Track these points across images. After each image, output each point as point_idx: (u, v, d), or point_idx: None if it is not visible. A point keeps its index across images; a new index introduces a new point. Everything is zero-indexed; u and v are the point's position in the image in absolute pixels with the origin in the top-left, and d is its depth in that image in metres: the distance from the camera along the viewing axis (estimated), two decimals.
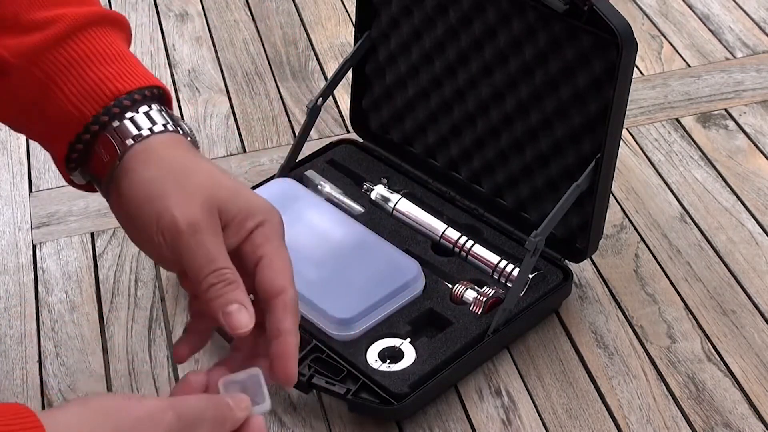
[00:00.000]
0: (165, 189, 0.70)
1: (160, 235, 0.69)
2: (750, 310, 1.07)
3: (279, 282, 0.70)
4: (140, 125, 0.73)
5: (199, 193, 0.70)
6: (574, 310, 1.07)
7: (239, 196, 0.72)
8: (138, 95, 0.74)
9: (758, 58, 1.41)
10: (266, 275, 0.70)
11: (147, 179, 0.71)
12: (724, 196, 1.20)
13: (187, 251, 0.69)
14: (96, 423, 0.62)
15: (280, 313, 0.70)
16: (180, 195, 0.70)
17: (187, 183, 0.71)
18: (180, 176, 0.71)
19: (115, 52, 0.76)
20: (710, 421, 0.96)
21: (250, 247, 0.71)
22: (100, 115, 0.73)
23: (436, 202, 1.14)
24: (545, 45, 1.01)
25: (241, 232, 0.71)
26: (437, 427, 0.97)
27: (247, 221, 0.71)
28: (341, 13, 1.53)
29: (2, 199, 1.22)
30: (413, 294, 1.03)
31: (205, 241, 0.69)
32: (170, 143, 0.74)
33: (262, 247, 0.71)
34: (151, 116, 0.74)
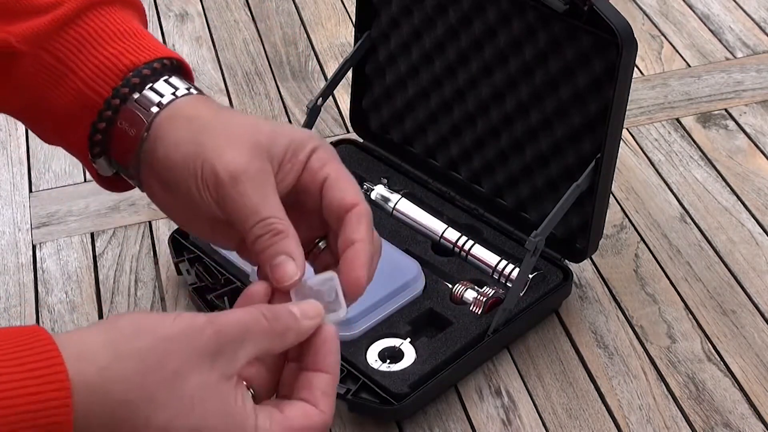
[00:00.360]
0: (201, 144, 0.66)
1: (205, 191, 0.65)
2: (750, 310, 1.07)
3: (348, 198, 0.65)
4: (162, 92, 0.69)
5: (238, 142, 0.65)
6: (574, 310, 1.07)
7: (281, 133, 0.67)
8: (157, 64, 0.70)
9: (758, 58, 1.41)
10: (334, 195, 0.65)
11: (181, 140, 0.67)
12: (724, 196, 1.20)
13: (231, 203, 0.64)
14: (121, 347, 0.56)
15: (354, 225, 0.64)
16: (218, 146, 0.65)
17: (223, 135, 0.66)
18: (215, 130, 0.67)
19: (128, 29, 0.72)
20: (710, 421, 0.96)
21: (310, 176, 0.66)
22: (120, 88, 0.69)
23: (436, 202, 1.14)
24: (545, 45, 1.01)
25: (295, 166, 0.66)
26: (437, 427, 0.97)
27: (299, 153, 0.66)
28: (341, 13, 1.53)
29: (2, 199, 1.22)
30: (413, 294, 1.03)
31: (248, 190, 0.64)
32: (197, 103, 0.70)
33: (322, 170, 0.66)
34: (172, 83, 0.70)
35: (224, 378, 0.58)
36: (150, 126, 0.68)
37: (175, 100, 0.69)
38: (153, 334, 0.57)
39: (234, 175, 0.64)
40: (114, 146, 0.71)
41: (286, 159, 0.66)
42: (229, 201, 0.64)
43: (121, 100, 0.69)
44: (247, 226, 0.64)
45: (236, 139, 0.65)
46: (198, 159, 0.65)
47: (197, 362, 0.57)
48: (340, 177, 0.66)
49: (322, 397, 0.61)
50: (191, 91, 0.70)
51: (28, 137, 1.31)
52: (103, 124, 0.70)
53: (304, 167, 0.66)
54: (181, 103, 0.69)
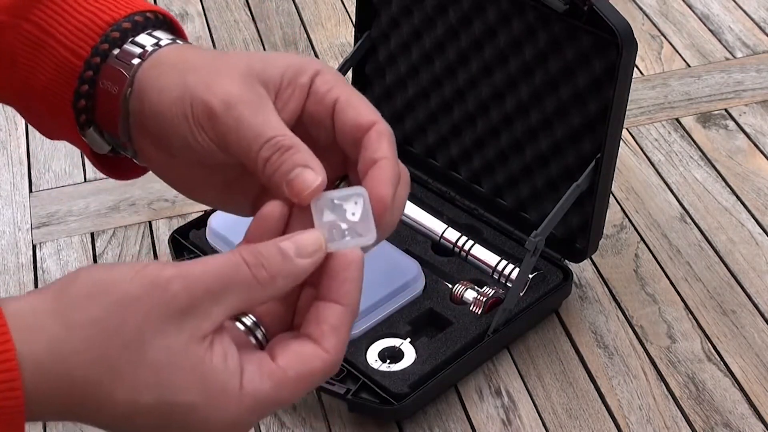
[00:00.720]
0: (188, 84, 0.58)
1: (200, 132, 0.58)
2: (750, 310, 1.07)
3: (364, 117, 0.57)
4: (144, 44, 0.62)
5: (228, 72, 0.58)
6: (574, 310, 1.07)
7: (277, 57, 0.59)
8: (139, 17, 0.64)
9: (758, 58, 1.41)
10: (347, 116, 0.57)
11: (166, 86, 0.60)
12: (724, 196, 1.20)
13: (231, 135, 0.56)
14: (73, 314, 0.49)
15: (374, 144, 0.57)
16: (206, 81, 0.58)
17: (212, 69, 0.59)
18: (202, 68, 0.59)
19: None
20: (710, 421, 0.96)
21: (316, 101, 0.58)
22: (99, 45, 0.62)
23: (436, 202, 1.14)
24: (545, 45, 1.01)
25: (296, 91, 0.58)
26: (437, 427, 0.97)
27: (299, 77, 0.59)
28: (341, 13, 1.53)
29: (2, 199, 1.22)
30: (413, 294, 1.03)
31: (245, 114, 0.56)
32: (183, 49, 0.62)
33: (330, 93, 0.58)
34: (155, 35, 0.63)
35: (195, 339, 0.50)
36: (133, 80, 0.61)
37: (158, 50, 0.62)
38: (109, 295, 0.50)
39: (227, 102, 0.57)
40: (100, 112, 0.64)
41: (285, 84, 0.58)
42: (228, 132, 0.57)
43: (102, 58, 0.63)
44: (252, 154, 0.56)
45: (226, 70, 0.59)
46: (186, 99, 0.58)
47: (162, 324, 0.50)
48: (352, 97, 0.58)
49: (330, 334, 0.53)
50: (177, 42, 0.63)
51: (28, 137, 1.31)
52: (85, 86, 0.63)
53: (309, 92, 0.59)
54: (164, 51, 0.62)
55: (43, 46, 0.65)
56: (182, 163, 0.61)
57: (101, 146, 0.66)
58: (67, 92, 0.64)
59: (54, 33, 0.64)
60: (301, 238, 0.53)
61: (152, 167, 0.64)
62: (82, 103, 0.64)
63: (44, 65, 0.65)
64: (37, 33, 0.65)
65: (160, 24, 0.65)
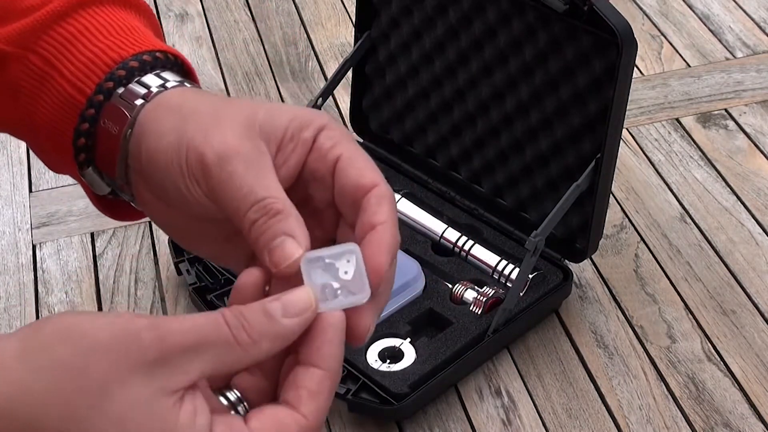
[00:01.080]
0: (185, 131, 0.56)
1: (193, 183, 0.55)
2: (750, 310, 1.07)
3: (367, 178, 0.54)
4: (150, 84, 0.60)
5: (228, 122, 0.56)
6: (574, 310, 1.07)
7: (282, 110, 0.56)
8: (148, 56, 0.61)
9: (758, 58, 1.41)
10: (349, 175, 0.54)
11: (164, 131, 0.57)
12: (724, 196, 1.20)
13: (222, 190, 0.54)
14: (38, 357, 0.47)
15: (374, 207, 0.54)
16: (204, 129, 0.56)
17: (212, 117, 0.56)
18: (202, 114, 0.57)
19: (123, 25, 0.64)
20: (710, 421, 0.96)
21: (318, 157, 0.55)
22: (104, 83, 0.61)
23: (436, 202, 1.14)
24: (545, 45, 1.01)
25: (299, 146, 0.55)
26: (437, 427, 0.97)
27: (303, 131, 0.56)
28: (341, 13, 1.53)
29: (2, 199, 1.22)
30: (413, 294, 1.03)
31: (239, 170, 0.53)
32: (186, 92, 0.60)
33: (333, 150, 0.55)
34: (162, 76, 0.61)
35: (164, 392, 0.47)
36: (134, 121, 0.59)
37: (163, 91, 0.60)
38: (78, 341, 0.47)
39: (222, 156, 0.54)
40: (99, 152, 0.62)
41: (287, 138, 0.56)
42: (219, 188, 0.54)
43: (105, 96, 0.61)
44: (241, 214, 0.53)
45: (226, 119, 0.56)
46: (182, 147, 0.56)
47: (129, 374, 0.47)
48: (355, 156, 0.55)
49: (308, 399, 0.50)
50: (185, 84, 0.61)
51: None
52: (86, 124, 0.61)
53: (311, 148, 0.56)
54: (168, 94, 0.60)
55: (47, 79, 0.63)
56: (178, 213, 0.59)
57: (100, 187, 0.64)
58: (69, 129, 0.62)
59: (59, 67, 0.63)
60: (289, 297, 0.50)
61: (149, 213, 0.62)
62: (82, 141, 0.62)
63: (48, 99, 0.63)
64: (42, 66, 0.64)
65: (170, 65, 0.63)
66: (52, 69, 0.63)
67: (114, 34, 0.63)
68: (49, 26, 0.64)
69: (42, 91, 0.64)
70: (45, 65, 0.63)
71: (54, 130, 0.64)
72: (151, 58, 0.62)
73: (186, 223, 0.60)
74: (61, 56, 0.63)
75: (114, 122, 0.60)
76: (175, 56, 0.63)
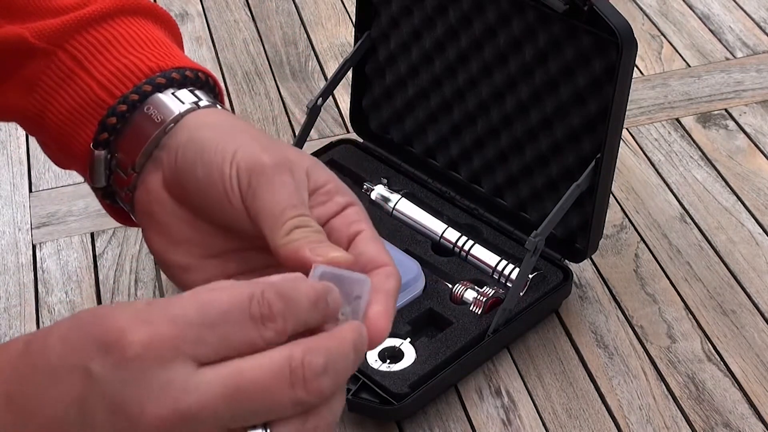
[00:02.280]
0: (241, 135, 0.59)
1: (233, 175, 0.57)
2: (750, 310, 1.07)
3: (382, 258, 0.57)
4: (201, 97, 0.64)
5: (284, 148, 0.59)
6: (574, 310, 1.07)
7: (325, 168, 0.61)
8: (190, 73, 0.65)
9: (758, 58, 1.41)
10: (368, 248, 0.58)
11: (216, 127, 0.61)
12: (724, 196, 1.20)
13: (269, 189, 0.56)
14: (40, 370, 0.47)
15: (383, 279, 0.56)
16: (262, 143, 0.59)
17: (269, 139, 0.60)
18: (258, 135, 0.60)
19: (157, 39, 0.67)
20: (710, 421, 0.96)
21: (344, 222, 0.59)
22: (142, 85, 0.64)
23: (436, 202, 1.14)
24: (545, 45, 1.01)
25: (331, 204, 0.59)
26: (437, 427, 0.97)
27: (338, 195, 0.60)
28: (341, 13, 1.53)
29: (2, 199, 1.22)
30: (413, 294, 1.03)
31: (290, 183, 0.57)
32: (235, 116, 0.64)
33: (358, 224, 0.59)
34: (197, 94, 0.65)
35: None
36: (181, 117, 0.62)
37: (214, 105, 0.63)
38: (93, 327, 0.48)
39: (278, 165, 0.57)
40: (127, 136, 0.64)
41: (324, 191, 0.59)
42: (266, 188, 0.57)
43: (141, 96, 0.64)
44: (285, 218, 0.56)
45: (279, 145, 0.60)
46: (230, 144, 0.59)
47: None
48: (376, 238, 0.59)
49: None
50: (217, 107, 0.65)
51: (28, 137, 1.31)
52: (113, 119, 0.64)
53: (340, 212, 0.60)
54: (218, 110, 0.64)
55: (72, 77, 0.65)
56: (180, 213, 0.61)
57: (99, 176, 0.66)
58: (87, 120, 0.64)
59: (90, 69, 0.65)
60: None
61: (140, 210, 0.64)
62: (112, 120, 0.64)
63: (68, 96, 0.66)
64: (71, 64, 0.66)
65: (207, 86, 0.66)
66: (81, 69, 0.65)
67: (150, 47, 0.66)
68: (83, 28, 0.66)
69: (62, 88, 0.66)
70: (74, 64, 0.65)
71: (66, 124, 0.66)
72: (193, 75, 0.65)
73: (181, 226, 0.62)
74: (93, 58, 0.65)
75: (159, 111, 0.63)
76: (214, 81, 0.67)
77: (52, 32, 0.66)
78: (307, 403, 0.47)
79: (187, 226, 0.62)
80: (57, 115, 0.67)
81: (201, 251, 0.62)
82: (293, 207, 0.57)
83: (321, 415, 0.48)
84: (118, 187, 0.67)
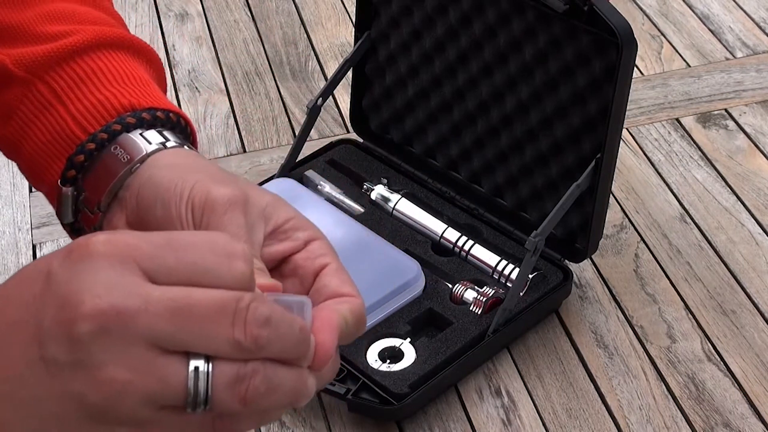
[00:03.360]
0: (198, 173, 0.60)
1: (188, 211, 0.58)
2: (750, 310, 1.07)
3: (347, 288, 0.58)
4: (168, 138, 0.65)
5: (240, 187, 0.60)
6: (574, 310, 1.07)
7: (286, 204, 0.61)
8: (161, 113, 0.66)
9: (758, 58, 1.41)
10: (331, 281, 0.58)
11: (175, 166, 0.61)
12: (724, 196, 1.20)
13: (218, 226, 0.57)
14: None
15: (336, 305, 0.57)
16: (218, 179, 0.59)
17: (228, 176, 0.61)
18: (219, 172, 0.61)
19: (137, 76, 0.67)
20: (710, 421, 0.96)
21: (308, 257, 0.59)
22: (111, 124, 0.64)
23: (436, 202, 1.14)
24: (545, 45, 1.01)
25: (289, 240, 0.60)
26: (437, 427, 0.97)
27: (299, 231, 0.60)
28: (341, 13, 1.53)
29: (2, 199, 1.22)
30: (413, 294, 1.03)
31: (240, 222, 0.57)
32: (198, 155, 0.64)
33: (324, 257, 0.59)
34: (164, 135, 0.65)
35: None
36: (147, 158, 0.63)
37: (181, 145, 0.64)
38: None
39: (231, 201, 0.58)
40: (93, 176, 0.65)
41: (283, 228, 0.60)
42: (216, 227, 0.57)
43: (110, 135, 0.64)
44: None
45: (239, 185, 0.60)
46: (188, 181, 0.59)
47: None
48: (342, 271, 0.59)
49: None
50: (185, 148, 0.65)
51: None
52: (81, 156, 0.65)
53: (303, 248, 0.60)
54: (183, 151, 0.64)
55: (49, 110, 0.66)
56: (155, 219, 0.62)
57: (66, 211, 0.66)
58: (58, 156, 0.65)
59: (66, 102, 0.66)
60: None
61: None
62: (80, 158, 0.64)
63: (43, 128, 0.66)
64: (48, 96, 0.66)
65: (178, 127, 0.67)
66: (58, 102, 0.66)
67: (127, 84, 0.66)
68: (64, 60, 0.66)
69: (39, 119, 0.66)
70: (51, 96, 0.66)
71: (40, 155, 0.67)
72: (164, 116, 0.66)
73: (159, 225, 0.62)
74: (71, 92, 0.66)
75: (126, 151, 0.63)
76: (186, 121, 0.67)
77: (33, 62, 0.67)
78: (244, 348, 0.47)
79: None
80: (32, 145, 0.67)
81: None
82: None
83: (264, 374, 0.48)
84: (84, 224, 0.67)
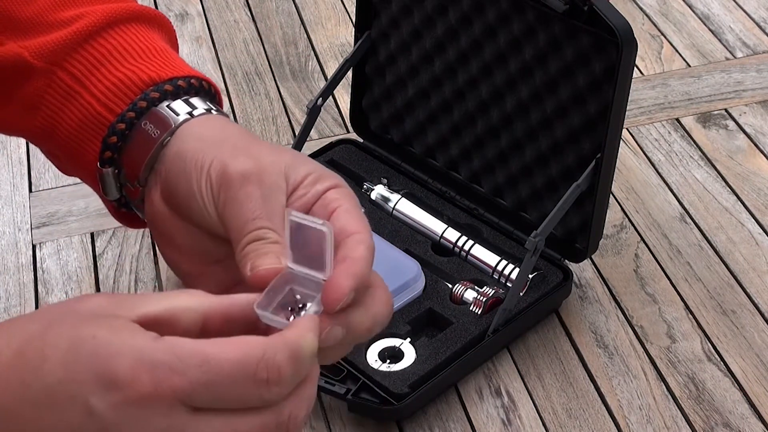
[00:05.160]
0: (218, 145, 0.61)
1: (207, 186, 0.60)
2: (750, 310, 1.07)
3: (353, 225, 0.58)
4: (196, 105, 0.66)
5: (258, 153, 0.61)
6: (574, 310, 1.07)
7: (306, 160, 0.62)
8: (182, 82, 0.67)
9: (758, 58, 1.41)
10: (341, 219, 0.58)
11: (202, 139, 0.63)
12: (724, 196, 1.20)
13: (232, 206, 0.58)
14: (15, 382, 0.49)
15: (351, 244, 0.57)
16: (234, 150, 0.61)
17: (247, 144, 0.62)
18: (241, 139, 0.62)
19: (154, 47, 0.68)
20: (710, 421, 0.96)
21: (322, 205, 0.60)
22: (138, 101, 0.65)
23: (436, 202, 1.14)
24: (545, 45, 1.01)
25: (309, 194, 0.60)
26: (437, 427, 0.97)
27: (318, 183, 0.60)
28: (341, 13, 1.53)
29: (2, 199, 1.22)
30: (413, 294, 1.03)
31: (256, 195, 0.58)
32: (225, 120, 0.66)
33: (336, 201, 0.60)
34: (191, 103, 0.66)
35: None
36: (175, 130, 0.64)
37: (209, 112, 0.65)
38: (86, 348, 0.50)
39: (246, 175, 0.59)
40: (129, 153, 0.66)
41: (303, 184, 0.60)
42: (231, 203, 0.59)
43: (138, 113, 0.65)
44: (243, 232, 0.58)
45: (257, 150, 0.61)
46: (208, 155, 0.61)
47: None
48: (352, 210, 0.59)
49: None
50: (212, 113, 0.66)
51: None
52: (114, 138, 0.66)
53: (319, 198, 0.60)
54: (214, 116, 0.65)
55: (74, 96, 0.67)
56: (179, 221, 0.63)
57: (111, 189, 0.69)
58: (92, 140, 0.66)
59: (88, 86, 0.67)
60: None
61: (149, 218, 0.66)
62: (113, 139, 0.66)
63: (72, 114, 0.67)
64: (70, 83, 0.67)
65: (202, 91, 0.67)
66: (81, 87, 0.67)
67: (144, 58, 0.67)
68: (79, 44, 0.67)
69: (66, 107, 0.67)
70: (73, 82, 0.67)
71: (74, 140, 0.68)
72: (186, 84, 0.66)
73: (182, 236, 0.64)
74: (91, 75, 0.67)
75: (156, 126, 0.65)
76: (209, 83, 0.68)
77: (51, 51, 0.67)
78: None
79: (187, 236, 0.64)
80: (65, 132, 0.68)
81: (204, 259, 0.64)
82: (253, 220, 0.58)
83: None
84: (130, 197, 0.69)
